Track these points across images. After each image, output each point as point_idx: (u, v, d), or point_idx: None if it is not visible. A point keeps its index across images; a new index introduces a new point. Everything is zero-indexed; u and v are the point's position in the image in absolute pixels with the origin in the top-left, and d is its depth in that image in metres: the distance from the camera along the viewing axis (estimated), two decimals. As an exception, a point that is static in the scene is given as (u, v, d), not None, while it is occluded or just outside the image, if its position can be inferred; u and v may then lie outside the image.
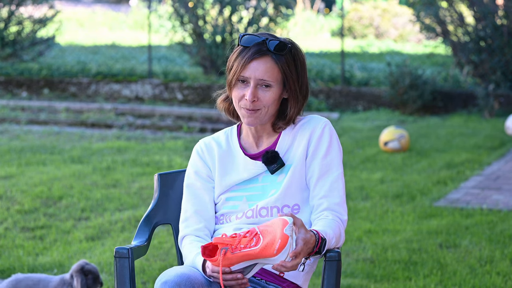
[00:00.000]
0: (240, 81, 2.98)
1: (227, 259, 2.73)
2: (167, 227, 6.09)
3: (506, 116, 11.23)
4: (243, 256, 2.72)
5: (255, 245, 2.71)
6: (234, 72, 2.97)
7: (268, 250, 2.70)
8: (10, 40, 14.91)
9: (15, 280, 4.23)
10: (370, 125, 11.13)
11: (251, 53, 2.96)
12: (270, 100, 2.98)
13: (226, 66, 3.04)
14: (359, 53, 18.13)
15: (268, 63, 2.96)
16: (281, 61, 2.97)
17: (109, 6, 28.10)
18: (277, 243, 2.69)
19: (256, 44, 2.97)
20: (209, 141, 3.15)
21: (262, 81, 2.96)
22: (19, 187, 7.32)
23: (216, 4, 13.63)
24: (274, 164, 3.02)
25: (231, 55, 3.02)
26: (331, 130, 3.05)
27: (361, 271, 5.23)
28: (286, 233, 2.69)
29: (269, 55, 2.97)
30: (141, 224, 3.25)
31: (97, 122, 11.65)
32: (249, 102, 2.96)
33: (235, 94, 3.00)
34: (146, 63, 15.10)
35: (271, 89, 2.97)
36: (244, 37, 2.99)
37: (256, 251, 2.71)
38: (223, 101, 3.13)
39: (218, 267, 2.77)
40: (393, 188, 7.42)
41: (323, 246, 2.83)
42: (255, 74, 2.96)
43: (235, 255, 2.72)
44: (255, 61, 2.96)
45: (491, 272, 5.19)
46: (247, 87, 2.98)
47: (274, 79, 2.97)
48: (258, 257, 2.72)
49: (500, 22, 12.46)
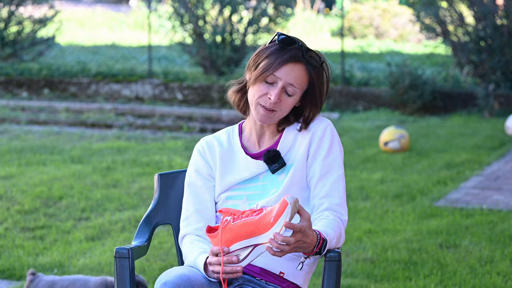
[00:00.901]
0: (267, 79, 2.97)
1: (227, 231, 2.73)
2: (167, 227, 6.09)
3: (506, 116, 11.23)
4: (242, 225, 2.72)
5: (256, 216, 2.72)
6: (266, 68, 2.96)
7: (265, 218, 2.69)
8: (10, 40, 14.91)
9: (52, 282, 4.20)
10: (370, 125, 11.13)
11: (289, 56, 2.96)
12: (290, 106, 3.01)
13: (253, 59, 3.01)
14: (359, 53, 18.13)
15: (302, 70, 2.98)
16: (314, 73, 2.99)
17: (109, 6, 28.10)
18: (275, 210, 2.69)
19: (294, 48, 2.97)
20: (211, 140, 3.15)
21: (290, 85, 2.97)
22: (19, 187, 7.32)
23: (216, 4, 13.63)
24: (275, 163, 3.02)
25: (264, 50, 3.00)
26: (332, 131, 3.06)
27: (361, 271, 5.23)
28: (286, 200, 2.68)
29: (304, 63, 2.98)
30: (141, 224, 3.25)
31: (97, 122, 11.65)
32: (272, 102, 2.96)
33: (257, 89, 2.99)
34: (146, 63, 15.10)
35: (294, 96, 3.00)
36: (282, 37, 2.98)
37: (254, 220, 2.71)
38: (235, 93, 3.11)
39: (217, 246, 2.76)
40: (393, 188, 7.42)
41: (323, 247, 2.83)
42: (286, 78, 2.96)
43: (235, 224, 2.73)
44: (290, 65, 2.96)
45: (491, 272, 5.19)
46: (272, 87, 2.98)
47: (301, 88, 2.99)
48: (256, 228, 2.70)
49: (500, 22, 12.46)
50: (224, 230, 2.74)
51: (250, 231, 2.72)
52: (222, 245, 2.75)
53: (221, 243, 2.74)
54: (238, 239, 2.74)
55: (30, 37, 15.05)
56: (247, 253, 2.76)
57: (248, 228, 2.72)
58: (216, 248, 2.78)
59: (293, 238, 2.71)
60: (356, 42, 20.25)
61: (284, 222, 2.67)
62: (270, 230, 2.69)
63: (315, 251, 2.81)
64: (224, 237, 2.75)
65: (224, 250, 2.75)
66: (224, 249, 2.75)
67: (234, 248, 2.75)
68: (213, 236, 2.78)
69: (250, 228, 2.72)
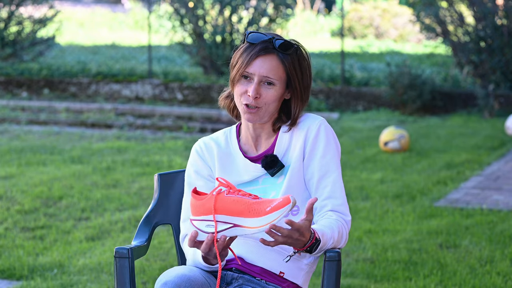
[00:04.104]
0: (243, 77, 2.98)
1: (218, 200, 2.69)
2: (167, 227, 6.09)
3: (506, 116, 11.23)
4: (235, 201, 2.68)
5: (252, 199, 2.69)
6: (239, 67, 2.97)
7: (261, 205, 2.66)
8: (10, 40, 14.91)
9: None
10: (370, 125, 11.13)
11: (257, 50, 2.96)
12: (271, 98, 2.97)
13: (231, 62, 3.04)
14: (359, 53, 18.13)
15: (274, 61, 2.96)
16: (287, 60, 2.97)
17: (109, 6, 28.10)
18: (276, 202, 2.66)
19: (262, 42, 2.97)
20: (208, 141, 3.15)
21: (266, 78, 2.96)
22: (19, 187, 7.32)
23: (216, 4, 13.63)
24: (274, 168, 3.02)
25: (236, 51, 3.02)
26: (326, 129, 3.04)
27: (361, 271, 5.23)
28: (290, 198, 2.65)
29: (275, 53, 2.97)
30: (141, 224, 3.25)
31: (97, 122, 11.65)
32: (251, 98, 2.96)
33: (237, 90, 2.99)
34: (146, 63, 15.11)
35: (274, 88, 2.97)
36: (250, 34, 2.99)
37: (249, 201, 2.68)
38: (225, 98, 3.13)
39: (197, 216, 2.73)
40: (393, 188, 7.42)
41: (315, 246, 2.82)
42: (259, 71, 2.96)
43: (228, 197, 2.69)
44: (260, 58, 2.96)
45: (491, 272, 5.19)
46: (250, 84, 2.98)
47: (278, 78, 2.97)
48: (246, 209, 2.67)
49: (500, 22, 12.46)
50: (217, 196, 2.70)
51: (239, 210, 2.68)
52: (209, 210, 2.70)
53: (215, 205, 2.69)
54: (224, 212, 2.70)
55: (30, 37, 15.05)
56: (223, 228, 2.71)
57: (239, 207, 2.68)
58: (188, 236, 2.75)
59: (286, 232, 2.70)
60: (356, 42, 20.25)
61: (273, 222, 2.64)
62: (262, 217, 2.65)
63: (305, 248, 2.80)
64: (212, 203, 2.70)
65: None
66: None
67: (216, 219, 2.71)
68: (198, 198, 2.74)
69: (241, 207, 2.68)
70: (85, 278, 5.08)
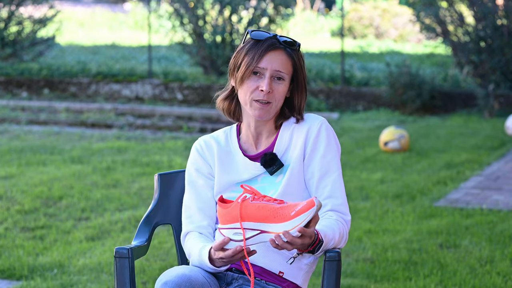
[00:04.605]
0: (253, 73, 2.99)
1: (243, 207, 2.71)
2: (167, 227, 6.09)
3: (506, 116, 11.23)
4: (260, 207, 2.69)
5: (277, 204, 2.70)
6: (248, 64, 2.97)
7: (286, 210, 2.67)
8: (10, 40, 14.91)
9: None
10: (370, 125, 11.13)
11: (266, 45, 2.98)
12: (282, 94, 3.00)
13: (233, 62, 3.03)
14: (359, 53, 18.13)
15: (283, 56, 2.99)
16: (295, 55, 3.01)
17: (109, 6, 28.10)
18: (300, 206, 2.66)
19: (268, 38, 3.00)
20: (208, 140, 3.15)
21: (278, 72, 2.98)
22: (19, 187, 7.32)
23: (216, 4, 13.63)
24: (272, 166, 3.02)
25: (241, 50, 3.01)
26: (327, 129, 3.05)
27: (361, 271, 5.23)
28: (314, 201, 2.65)
29: (283, 48, 3.00)
30: (141, 224, 3.25)
31: (97, 122, 11.65)
32: (265, 93, 2.97)
33: (247, 87, 2.99)
34: (146, 63, 15.10)
35: (284, 83, 3.00)
36: (253, 32, 3.01)
37: (274, 207, 2.69)
38: (223, 101, 3.13)
39: (224, 224, 2.73)
40: (393, 188, 7.42)
41: (317, 247, 2.83)
42: (271, 65, 2.98)
43: (253, 203, 2.70)
44: (271, 53, 2.98)
45: (491, 272, 5.19)
46: (260, 79, 2.99)
47: (288, 72, 3.00)
48: (272, 215, 2.68)
49: (500, 22, 12.46)
50: (242, 203, 2.71)
51: (265, 216, 2.69)
52: (236, 218, 2.72)
53: (241, 213, 2.70)
54: (250, 218, 2.71)
55: (30, 37, 15.05)
56: (251, 235, 2.73)
57: (264, 212, 2.69)
58: (218, 242, 2.77)
59: (300, 240, 2.72)
60: (356, 42, 20.25)
61: (299, 226, 2.66)
62: (287, 222, 2.67)
63: (308, 249, 2.81)
64: (238, 211, 2.71)
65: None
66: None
67: (243, 226, 2.72)
68: (224, 207, 2.75)
69: (266, 212, 2.69)
70: (85, 278, 5.08)
